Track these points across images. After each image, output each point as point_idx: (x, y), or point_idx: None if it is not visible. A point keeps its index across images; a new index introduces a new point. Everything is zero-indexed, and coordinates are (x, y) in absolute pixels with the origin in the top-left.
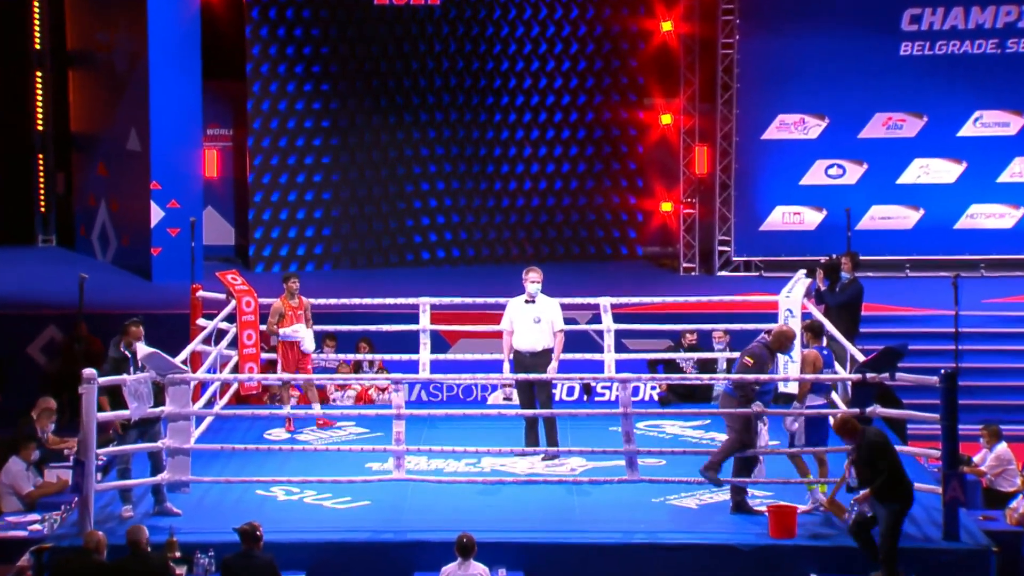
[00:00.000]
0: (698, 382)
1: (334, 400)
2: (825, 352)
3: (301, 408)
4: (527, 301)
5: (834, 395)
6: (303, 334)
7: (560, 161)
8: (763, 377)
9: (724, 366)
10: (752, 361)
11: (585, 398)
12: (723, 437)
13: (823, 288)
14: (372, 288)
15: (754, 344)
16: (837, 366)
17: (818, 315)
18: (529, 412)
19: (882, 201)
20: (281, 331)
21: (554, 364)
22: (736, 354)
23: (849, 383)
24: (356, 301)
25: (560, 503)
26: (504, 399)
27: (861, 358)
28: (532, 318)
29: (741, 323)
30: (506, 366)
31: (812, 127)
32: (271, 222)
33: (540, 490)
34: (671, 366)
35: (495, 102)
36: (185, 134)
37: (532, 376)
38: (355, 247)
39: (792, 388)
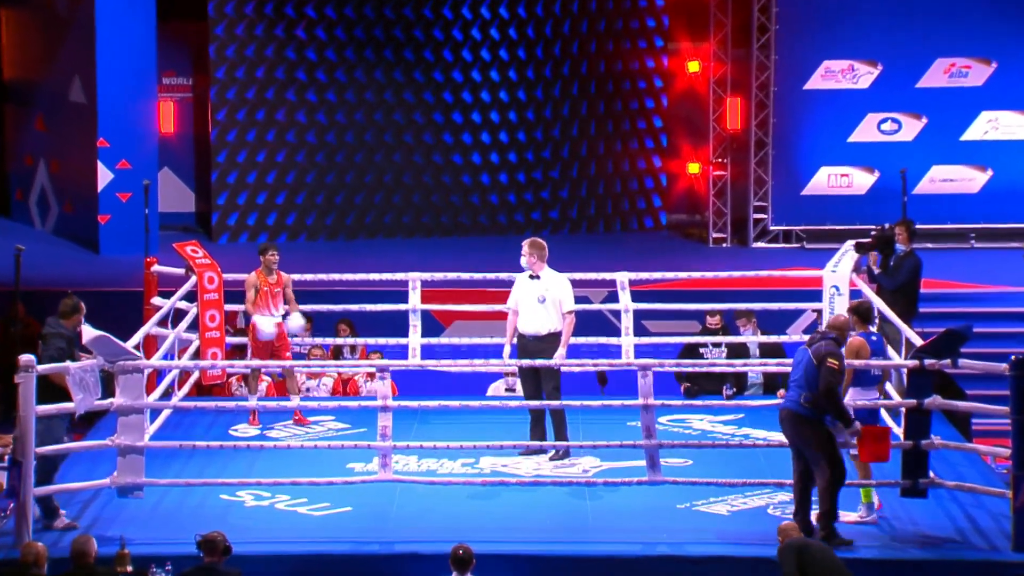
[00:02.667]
0: (729, 370)
1: (308, 391)
2: (874, 339)
3: (277, 400)
4: (531, 277)
5: (888, 387)
6: (274, 321)
7: (571, 117)
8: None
9: (759, 353)
10: (837, 363)
11: (601, 389)
12: (759, 434)
13: (876, 266)
14: (353, 263)
15: (820, 343)
16: (891, 352)
17: (869, 293)
18: (535, 404)
19: (943, 161)
20: (254, 316)
21: (562, 350)
22: (767, 338)
23: (904, 371)
24: (335, 277)
25: (571, 509)
26: (507, 390)
27: (919, 342)
28: (536, 296)
29: (780, 301)
30: (507, 351)
31: (863, 75)
32: (237, 186)
33: (548, 494)
34: (691, 352)
35: (495, 52)
36: (137, 83)
37: (538, 362)
38: (334, 216)
39: None
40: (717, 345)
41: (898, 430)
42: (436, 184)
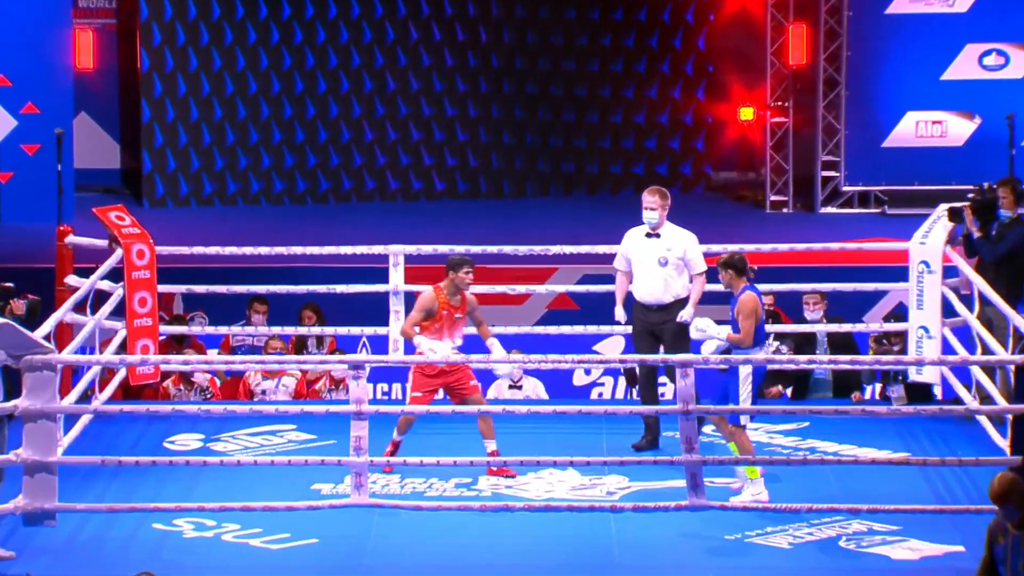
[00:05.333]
0: (792, 367)
1: (263, 393)
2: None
3: (224, 404)
4: (648, 235)
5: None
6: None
7: (590, 51)
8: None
9: (826, 344)
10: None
11: (632, 393)
12: (828, 447)
13: (975, 233)
14: (321, 232)
15: None
16: (994, 345)
17: (966, 269)
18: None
19: None
20: (424, 342)
21: (690, 308)
22: (841, 327)
23: (1011, 369)
24: (298, 251)
25: (592, 541)
26: (512, 387)
27: None
28: (656, 258)
29: (855, 281)
30: (620, 314)
31: None
32: (172, 136)
33: (563, 521)
34: None
35: None
36: (47, 7)
37: (547, 360)
38: (296, 173)
39: (928, 375)
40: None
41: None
42: (426, 139)
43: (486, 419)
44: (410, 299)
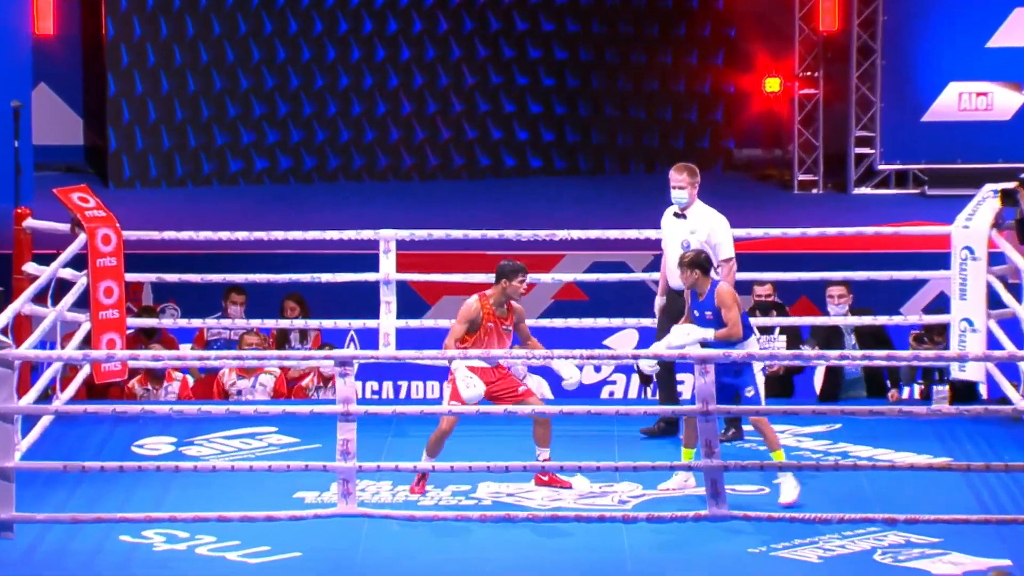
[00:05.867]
0: (820, 362)
1: (239, 393)
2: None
3: (199, 404)
4: (676, 215)
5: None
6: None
7: (594, 11)
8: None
9: (854, 339)
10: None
11: (647, 392)
12: (862, 451)
13: None
14: (304, 215)
15: None
16: None
17: (1015, 256)
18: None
19: None
20: (460, 369)
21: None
22: (864, 319)
23: None
24: (279, 236)
25: (603, 554)
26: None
27: None
28: (679, 240)
29: (891, 268)
30: (659, 303)
31: None
32: (141, 110)
33: (571, 533)
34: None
35: None
36: None
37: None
38: (278, 149)
39: (971, 372)
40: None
41: None
42: (418, 111)
43: (544, 424)
44: (403, 289)
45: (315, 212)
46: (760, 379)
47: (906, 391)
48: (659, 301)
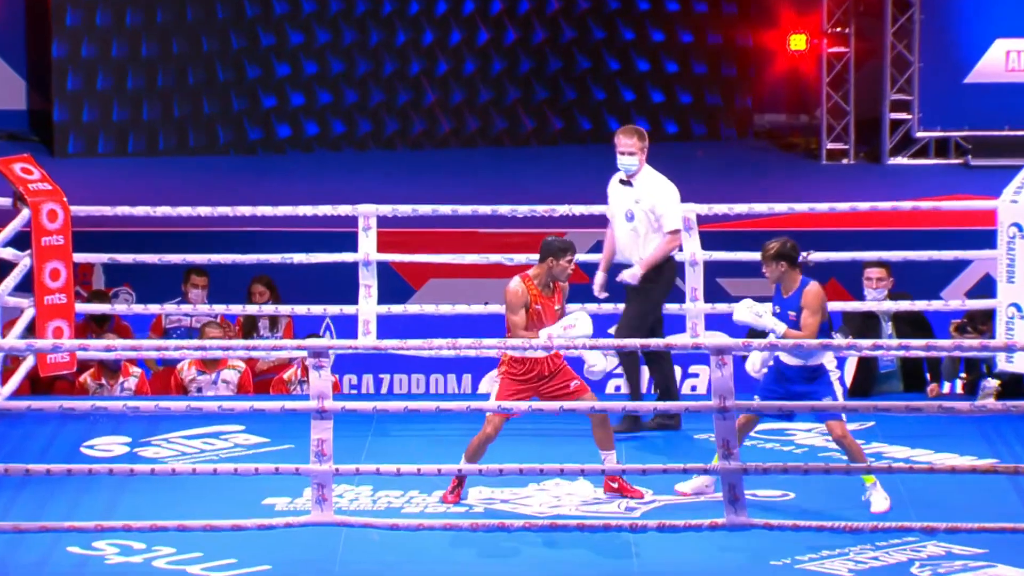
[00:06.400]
0: (852, 352)
1: (199, 391)
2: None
3: (156, 400)
4: (623, 181)
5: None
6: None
7: None
8: None
9: (890, 329)
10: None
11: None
12: (898, 451)
13: None
14: (274, 188)
15: None
16: None
17: None
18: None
19: None
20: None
21: (636, 269)
22: (908, 304)
23: None
24: (246, 211)
25: (608, 567)
26: None
27: None
28: (624, 211)
29: (930, 248)
30: (599, 280)
31: None
32: (89, 74)
33: (572, 543)
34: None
35: None
36: None
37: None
38: (244, 118)
39: (1020, 364)
40: None
41: None
42: (401, 72)
43: (604, 424)
44: (384, 270)
45: (287, 185)
46: (839, 390)
47: (947, 386)
48: (600, 277)
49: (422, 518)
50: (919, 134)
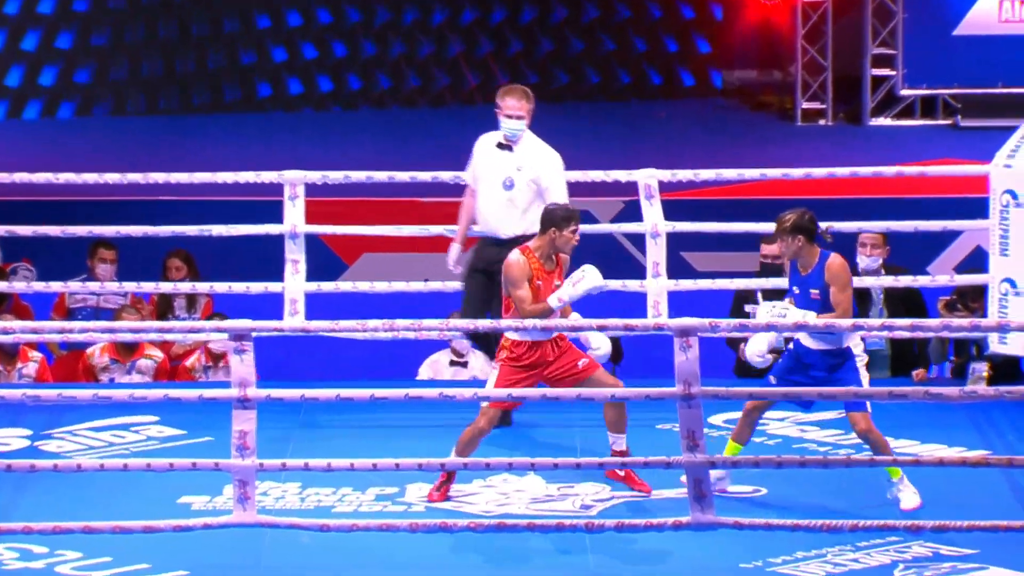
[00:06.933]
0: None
1: (110, 379)
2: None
3: (60, 388)
4: (500, 145)
5: None
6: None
7: None
8: None
9: (882, 305)
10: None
11: (612, 368)
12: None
13: None
14: (192, 153)
15: None
16: None
17: None
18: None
19: None
20: (565, 290)
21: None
22: (890, 279)
23: None
24: (159, 178)
25: (561, 571)
26: (452, 363)
27: None
28: (502, 177)
29: (916, 217)
30: (453, 253)
31: None
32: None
33: (522, 544)
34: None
35: None
36: None
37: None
38: (156, 74)
39: (1015, 345)
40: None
41: None
42: (337, 25)
43: (617, 405)
44: (314, 244)
45: (206, 149)
46: (865, 376)
47: (935, 370)
48: (455, 250)
49: (355, 518)
50: (903, 92)
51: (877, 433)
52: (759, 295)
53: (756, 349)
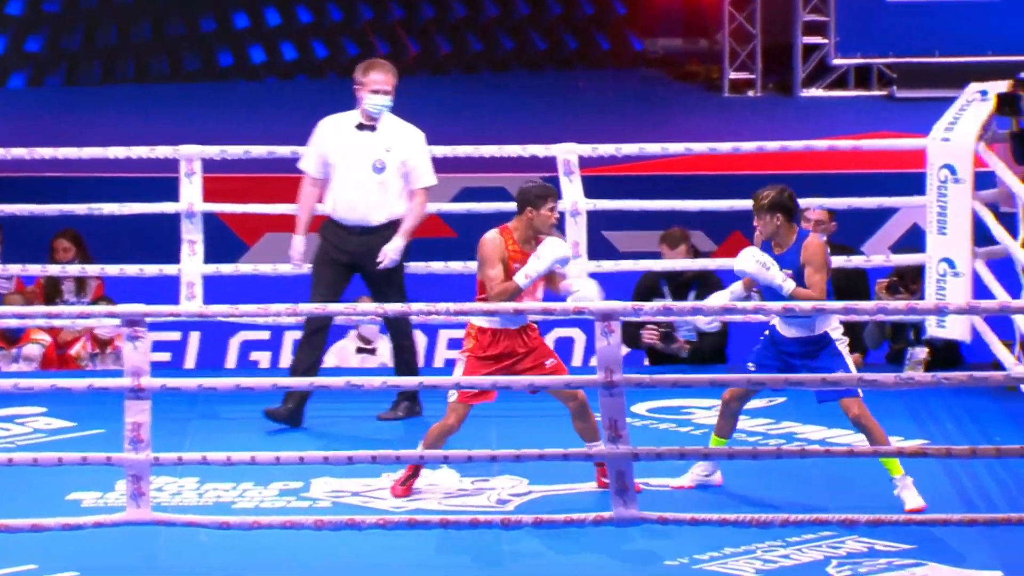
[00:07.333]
0: (759, 316)
1: None
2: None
3: None
4: (361, 126)
5: None
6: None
7: None
8: None
9: None
10: None
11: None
12: (814, 432)
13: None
14: (81, 126)
15: None
16: None
17: (1009, 178)
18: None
19: None
20: (534, 262)
21: (398, 242)
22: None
23: None
24: (44, 153)
25: (475, 569)
26: (360, 350)
27: None
28: (371, 161)
29: (851, 194)
30: (297, 244)
31: None
32: None
33: (434, 541)
34: (652, 291)
35: None
36: None
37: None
38: (41, 42)
39: (953, 329)
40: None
41: None
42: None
43: (583, 414)
44: (212, 224)
45: (96, 122)
46: (851, 360)
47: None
48: (299, 242)
49: (257, 515)
50: (836, 61)
51: (870, 419)
52: (665, 287)
53: (718, 302)
